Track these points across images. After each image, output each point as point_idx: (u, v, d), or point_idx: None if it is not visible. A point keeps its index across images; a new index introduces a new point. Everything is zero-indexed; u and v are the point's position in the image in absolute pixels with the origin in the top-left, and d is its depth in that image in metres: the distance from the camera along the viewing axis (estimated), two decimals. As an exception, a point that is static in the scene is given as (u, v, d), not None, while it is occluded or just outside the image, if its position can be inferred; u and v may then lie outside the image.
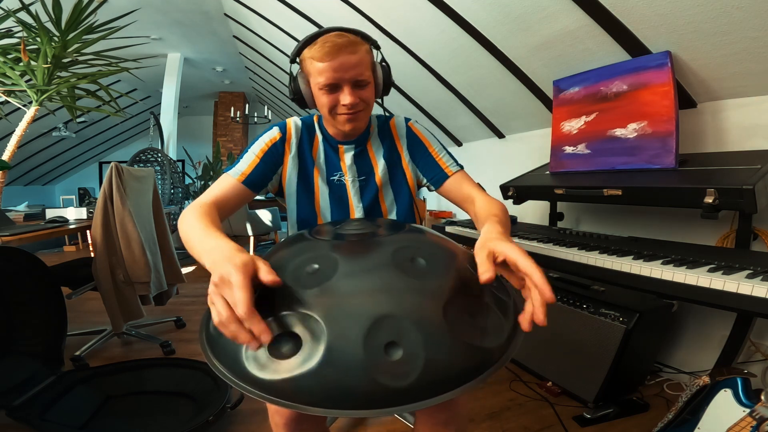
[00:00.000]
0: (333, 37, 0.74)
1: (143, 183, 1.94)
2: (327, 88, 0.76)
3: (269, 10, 3.27)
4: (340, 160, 0.90)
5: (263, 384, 0.43)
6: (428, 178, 0.93)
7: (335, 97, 0.78)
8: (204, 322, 0.56)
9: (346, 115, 0.79)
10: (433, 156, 0.92)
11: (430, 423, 0.75)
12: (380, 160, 0.92)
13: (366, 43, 0.79)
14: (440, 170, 0.91)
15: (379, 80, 0.84)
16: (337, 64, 0.74)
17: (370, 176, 0.92)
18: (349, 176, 0.91)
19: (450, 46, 2.18)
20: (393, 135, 0.94)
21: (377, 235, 0.62)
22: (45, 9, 2.04)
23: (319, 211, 0.91)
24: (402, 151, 0.94)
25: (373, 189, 0.92)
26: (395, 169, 0.93)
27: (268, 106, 6.70)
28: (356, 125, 0.82)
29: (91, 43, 2.22)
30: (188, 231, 0.63)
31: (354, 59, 0.75)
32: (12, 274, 1.40)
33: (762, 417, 0.84)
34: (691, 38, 1.33)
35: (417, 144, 0.93)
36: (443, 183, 0.90)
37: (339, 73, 0.74)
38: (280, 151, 0.87)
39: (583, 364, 1.41)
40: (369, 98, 0.81)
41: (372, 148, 0.92)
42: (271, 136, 0.87)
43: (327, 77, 0.75)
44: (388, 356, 0.42)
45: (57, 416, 1.26)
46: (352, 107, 0.78)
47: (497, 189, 1.93)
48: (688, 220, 1.54)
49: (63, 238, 4.93)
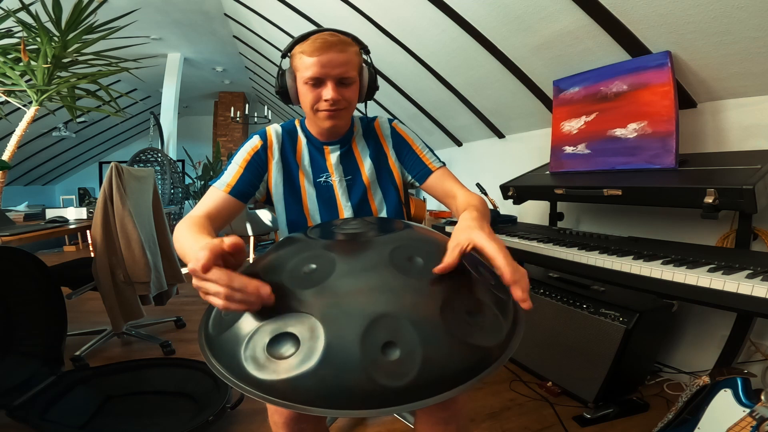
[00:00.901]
0: (325, 35, 0.77)
1: (143, 183, 1.94)
2: (312, 82, 0.78)
3: (269, 10, 3.27)
4: (326, 160, 0.91)
5: (262, 384, 0.43)
6: (413, 174, 0.95)
7: (318, 93, 0.79)
8: (203, 323, 0.56)
9: (327, 111, 0.80)
10: (417, 153, 0.94)
11: (431, 422, 0.75)
12: (366, 159, 0.93)
13: (356, 45, 0.81)
14: (424, 166, 0.93)
15: (364, 82, 0.85)
16: (325, 60, 0.75)
17: (357, 175, 0.93)
18: (336, 176, 0.91)
19: (450, 46, 2.18)
20: (378, 135, 0.96)
21: (374, 234, 0.62)
22: (45, 9, 2.04)
23: (308, 213, 0.91)
24: (388, 150, 0.95)
25: (361, 188, 0.92)
26: (382, 169, 0.95)
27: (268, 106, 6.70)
28: (337, 123, 0.83)
29: (91, 43, 2.22)
30: (181, 241, 0.64)
31: (342, 57, 0.77)
32: (12, 274, 1.40)
33: (762, 417, 0.84)
34: (691, 38, 1.33)
35: (401, 143, 0.95)
36: (427, 178, 0.92)
37: (326, 68, 0.76)
38: (263, 158, 0.88)
39: (583, 364, 1.41)
40: (352, 98, 0.82)
41: (357, 147, 0.94)
42: (253, 145, 0.88)
43: (313, 71, 0.76)
44: (385, 356, 0.42)
45: (57, 416, 1.26)
46: (334, 103, 0.79)
47: (497, 189, 1.93)
48: (688, 220, 1.54)
49: (63, 238, 4.93)
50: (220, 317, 0.52)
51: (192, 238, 0.62)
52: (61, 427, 1.22)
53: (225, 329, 0.49)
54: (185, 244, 0.62)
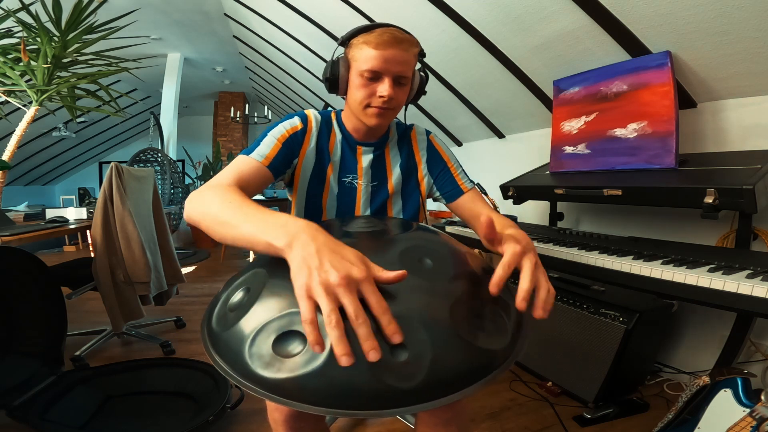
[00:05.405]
0: (393, 30, 0.75)
1: (143, 183, 1.94)
2: (369, 75, 0.76)
3: (269, 10, 3.27)
4: (357, 162, 0.89)
5: (267, 382, 0.42)
6: (442, 191, 0.93)
7: (373, 88, 0.77)
8: (206, 319, 0.54)
9: (379, 108, 0.78)
10: (451, 171, 0.93)
11: (432, 423, 0.75)
12: (396, 168, 0.92)
13: (418, 47, 0.79)
14: (456, 186, 0.92)
15: (414, 85, 0.84)
16: (389, 55, 0.74)
17: (383, 182, 0.91)
18: (363, 180, 0.90)
19: (450, 46, 2.18)
20: (413, 145, 0.94)
21: (385, 233, 0.61)
22: (45, 9, 2.04)
23: (324, 208, 0.90)
24: (420, 163, 0.94)
25: (384, 196, 0.91)
26: (410, 179, 0.93)
27: (268, 106, 6.70)
28: (383, 122, 0.81)
29: (91, 43, 2.22)
30: (229, 205, 0.55)
31: (404, 56, 0.75)
32: (12, 274, 1.40)
33: (762, 417, 0.84)
34: (691, 38, 1.33)
35: (436, 158, 0.94)
36: (457, 199, 0.91)
37: (387, 64, 0.74)
38: (299, 141, 0.84)
39: (583, 364, 1.41)
40: (402, 99, 0.81)
41: (390, 154, 0.92)
42: (293, 125, 0.84)
43: (374, 65, 0.74)
44: (394, 357, 0.41)
45: (57, 416, 1.26)
46: (388, 101, 0.77)
47: (497, 189, 1.93)
48: (688, 220, 1.54)
49: (63, 238, 4.93)
50: (225, 313, 0.51)
51: (253, 206, 0.53)
52: (61, 427, 1.22)
53: (230, 326, 0.48)
54: (244, 210, 0.53)
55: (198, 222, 0.58)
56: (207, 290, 3.09)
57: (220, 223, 0.54)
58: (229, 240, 0.52)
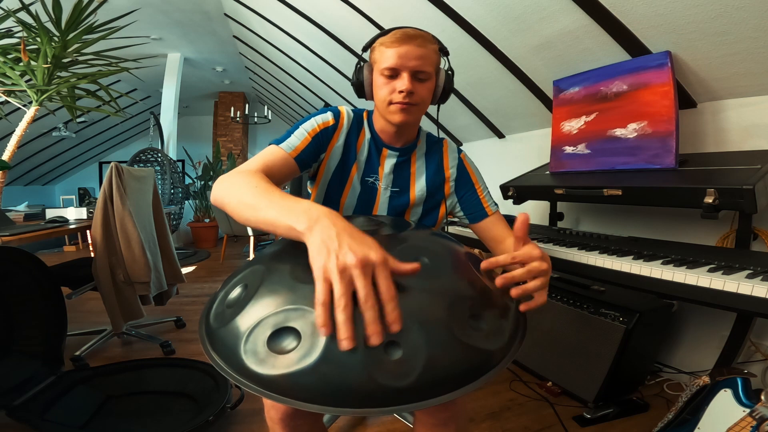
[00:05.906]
0: (406, 29, 0.77)
1: (143, 183, 1.94)
2: (388, 73, 0.77)
3: (269, 10, 3.27)
4: (380, 165, 0.89)
5: (261, 378, 0.42)
6: (466, 212, 0.94)
7: (393, 85, 0.77)
8: (204, 315, 0.55)
9: (400, 104, 0.78)
10: (478, 194, 0.93)
11: (430, 423, 0.75)
12: (421, 179, 0.91)
13: (435, 44, 0.80)
14: (482, 208, 0.92)
15: (440, 82, 0.84)
16: (403, 51, 0.75)
17: (405, 190, 0.91)
18: (383, 183, 0.90)
19: (450, 46, 2.14)
20: (443, 158, 0.94)
21: (382, 232, 0.62)
22: (45, 9, 2.04)
23: (342, 206, 0.90)
24: (449, 178, 0.94)
25: (404, 204, 0.91)
26: (435, 195, 0.93)
27: (268, 106, 6.70)
28: (407, 119, 0.80)
29: (91, 43, 2.22)
30: (255, 190, 0.56)
31: (419, 51, 0.76)
32: (12, 274, 1.40)
33: (762, 417, 0.84)
34: (691, 38, 1.33)
35: (466, 179, 0.94)
36: (481, 221, 0.92)
37: (402, 59, 0.76)
38: (329, 136, 0.85)
39: (583, 364, 1.41)
40: (425, 95, 0.80)
41: (416, 164, 0.92)
42: (325, 120, 0.85)
43: (390, 62, 0.76)
44: (388, 355, 0.41)
45: (57, 416, 1.26)
46: (407, 95, 0.77)
47: (497, 189, 1.93)
48: (688, 220, 1.54)
49: (63, 238, 4.94)
50: (222, 310, 0.51)
51: (278, 191, 0.55)
52: (61, 427, 1.22)
53: (226, 322, 0.48)
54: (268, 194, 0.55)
55: (224, 204, 0.60)
56: (207, 290, 3.09)
57: (245, 205, 0.56)
58: (253, 222, 0.54)
